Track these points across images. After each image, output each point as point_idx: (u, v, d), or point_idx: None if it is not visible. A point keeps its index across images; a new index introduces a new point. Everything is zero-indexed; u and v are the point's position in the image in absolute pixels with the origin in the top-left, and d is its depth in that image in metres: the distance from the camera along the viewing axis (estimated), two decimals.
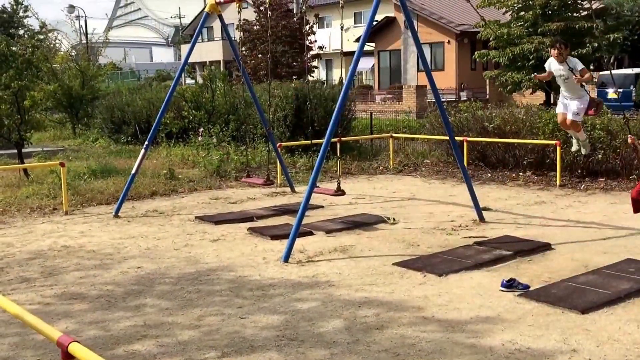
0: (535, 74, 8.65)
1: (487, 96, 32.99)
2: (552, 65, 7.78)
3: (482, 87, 34.58)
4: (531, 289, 6.01)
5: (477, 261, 6.94)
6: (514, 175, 12.80)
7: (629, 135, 7.03)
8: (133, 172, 10.46)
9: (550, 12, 24.58)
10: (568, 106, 7.85)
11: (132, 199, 11.19)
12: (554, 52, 7.68)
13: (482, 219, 9.10)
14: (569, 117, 7.84)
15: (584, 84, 7.68)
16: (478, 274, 6.59)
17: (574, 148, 8.61)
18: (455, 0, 39.76)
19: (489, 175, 13.04)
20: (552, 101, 26.35)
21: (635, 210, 7.01)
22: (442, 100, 10.94)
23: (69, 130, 24.24)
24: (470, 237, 8.18)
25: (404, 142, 16.53)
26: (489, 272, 6.68)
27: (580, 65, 7.57)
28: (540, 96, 27.94)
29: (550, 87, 25.64)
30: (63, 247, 8.24)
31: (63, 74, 24.66)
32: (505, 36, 25.44)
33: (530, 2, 25.22)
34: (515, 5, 25.96)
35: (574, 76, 7.47)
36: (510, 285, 6.02)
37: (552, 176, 12.14)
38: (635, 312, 5.43)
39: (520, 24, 25.77)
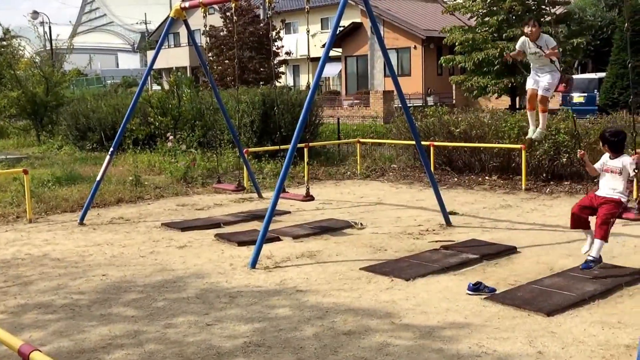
0: (507, 52, 8.55)
1: (454, 101, 33.30)
2: (526, 43, 7.79)
3: (448, 92, 34.91)
4: (497, 292, 6.06)
5: (444, 265, 6.98)
6: (480, 179, 12.92)
7: (579, 150, 7.04)
8: (98, 179, 10.33)
9: (514, 17, 24.93)
10: (539, 82, 7.82)
11: (97, 206, 11.07)
12: (527, 29, 7.69)
13: (448, 223, 9.17)
14: (540, 92, 7.80)
15: (555, 60, 7.71)
16: (445, 278, 6.63)
17: (530, 134, 8.45)
18: (421, 6, 40.12)
19: (456, 179, 13.14)
20: (517, 105, 26.71)
21: (573, 226, 6.85)
22: (409, 105, 11.06)
23: (32, 138, 23.88)
24: (437, 241, 8.23)
25: (371, 147, 16.60)
26: (456, 275, 6.72)
27: (552, 43, 7.61)
28: (505, 101, 28.30)
29: (516, 92, 26.04)
30: (27, 255, 8.10)
31: (27, 80, 24.30)
32: (470, 41, 25.72)
33: (495, 8, 25.53)
34: (480, 10, 26.27)
35: (544, 52, 7.51)
36: (476, 288, 6.06)
37: (517, 180, 12.28)
38: (599, 313, 5.51)
39: (485, 29, 26.07)
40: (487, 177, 12.91)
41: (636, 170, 6.47)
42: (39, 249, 8.43)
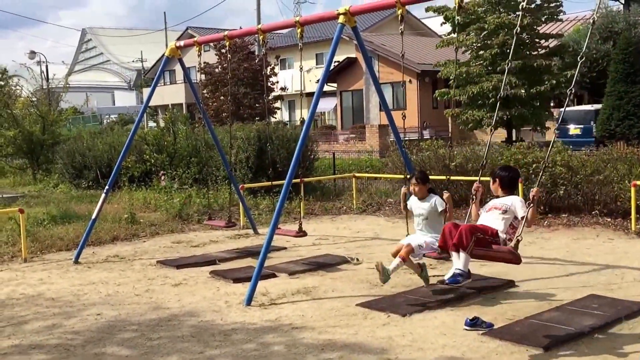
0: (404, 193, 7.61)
1: (450, 134, 33.42)
2: (411, 199, 7.38)
3: (444, 126, 35.05)
4: (495, 327, 5.99)
5: (441, 300, 6.92)
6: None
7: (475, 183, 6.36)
8: (93, 217, 10.30)
9: (508, 50, 25.11)
10: (418, 240, 7.10)
11: (92, 244, 11.00)
12: (411, 187, 7.25)
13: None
14: (413, 243, 6.99)
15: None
16: (442, 313, 6.57)
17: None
18: (415, 41, 40.51)
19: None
20: (513, 138, 26.81)
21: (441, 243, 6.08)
22: (405, 139, 11.10)
23: (29, 176, 23.85)
24: (434, 276, 8.16)
25: (367, 182, 16.59)
26: (453, 310, 6.66)
27: (442, 204, 7.04)
28: (502, 133, 28.39)
29: (511, 125, 26.18)
30: (22, 295, 8.03)
31: (23, 119, 24.38)
32: (464, 75, 25.91)
33: (489, 42, 25.78)
34: (474, 44, 26.52)
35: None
36: (474, 323, 6.00)
37: None
38: (598, 348, 5.45)
39: (479, 62, 26.30)
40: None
41: (531, 205, 5.69)
42: (33, 288, 8.35)
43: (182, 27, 61.84)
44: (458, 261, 5.90)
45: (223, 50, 36.12)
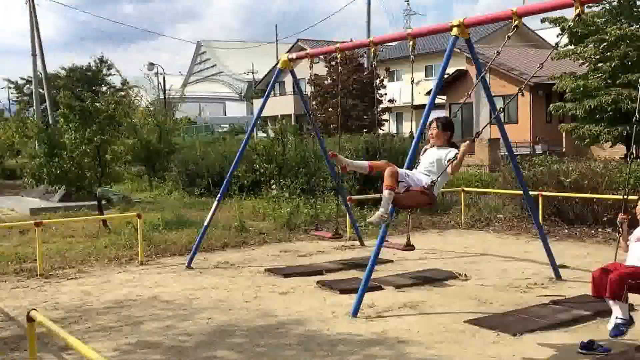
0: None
1: (564, 149, 32.25)
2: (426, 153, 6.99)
3: (558, 140, 33.87)
4: (612, 352, 5.72)
5: (554, 321, 6.67)
6: (592, 231, 12.35)
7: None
8: (205, 224, 10.64)
9: (630, 62, 23.97)
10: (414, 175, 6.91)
11: (204, 250, 11.34)
12: (431, 131, 6.90)
13: (558, 276, 8.79)
14: (401, 170, 6.87)
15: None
16: (555, 335, 6.33)
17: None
18: (529, 53, 39.46)
19: (566, 231, 12.62)
20: (633, 154, 25.53)
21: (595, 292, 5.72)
22: (516, 153, 10.84)
23: (145, 183, 24.97)
24: (546, 295, 7.90)
25: (476, 196, 16.25)
26: (567, 332, 6.41)
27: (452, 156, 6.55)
28: (620, 149, 27.12)
29: (631, 140, 24.86)
30: (138, 296, 8.40)
31: (142, 128, 25.56)
32: (581, 88, 24.95)
33: (608, 54, 24.71)
34: (592, 57, 25.51)
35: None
36: (589, 347, 5.75)
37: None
38: None
39: (597, 75, 25.26)
40: (600, 230, 12.31)
41: None
42: (149, 290, 8.72)
43: (292, 39, 63.04)
44: (616, 309, 5.56)
45: (333, 62, 36.49)
